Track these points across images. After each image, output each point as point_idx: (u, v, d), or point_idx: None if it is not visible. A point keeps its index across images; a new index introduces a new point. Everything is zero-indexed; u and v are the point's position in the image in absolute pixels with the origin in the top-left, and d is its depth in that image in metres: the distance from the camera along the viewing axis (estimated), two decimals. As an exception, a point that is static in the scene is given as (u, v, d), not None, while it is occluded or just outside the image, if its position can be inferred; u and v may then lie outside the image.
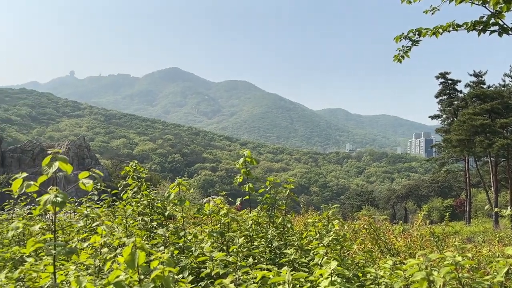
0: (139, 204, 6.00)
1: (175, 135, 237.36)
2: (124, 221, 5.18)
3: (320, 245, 4.19)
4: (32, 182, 2.64)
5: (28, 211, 6.69)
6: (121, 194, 6.74)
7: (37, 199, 2.67)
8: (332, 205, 5.36)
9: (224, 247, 4.75)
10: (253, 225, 5.33)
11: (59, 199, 2.50)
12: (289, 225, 5.44)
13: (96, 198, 7.05)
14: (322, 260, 3.76)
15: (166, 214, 5.67)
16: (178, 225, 5.46)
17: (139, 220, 5.31)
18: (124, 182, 6.67)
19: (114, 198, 6.71)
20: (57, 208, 2.57)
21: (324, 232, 4.54)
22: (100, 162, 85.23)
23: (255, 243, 4.93)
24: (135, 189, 6.53)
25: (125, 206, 5.78)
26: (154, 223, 5.48)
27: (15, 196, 6.83)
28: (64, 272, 3.38)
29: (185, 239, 5.02)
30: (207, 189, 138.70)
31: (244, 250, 3.98)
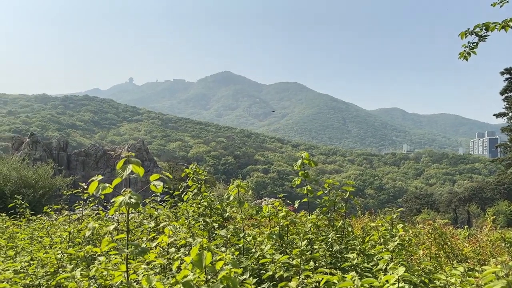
0: (199, 206, 6.16)
1: (227, 138, 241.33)
2: (187, 221, 5.34)
3: (384, 250, 4.07)
4: (107, 185, 2.79)
5: (96, 211, 7.09)
6: (182, 196, 6.96)
7: (111, 200, 2.82)
8: (391, 208, 5.19)
9: (287, 250, 4.75)
10: (311, 228, 5.28)
11: (133, 200, 2.63)
12: (350, 229, 5.33)
13: (158, 199, 7.35)
14: (387, 265, 3.65)
15: (226, 215, 5.77)
16: (237, 226, 5.54)
17: (201, 221, 5.45)
18: (185, 184, 6.89)
19: (176, 199, 6.94)
20: (131, 209, 2.70)
21: (388, 236, 4.39)
22: (158, 165, 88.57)
23: (315, 247, 4.88)
24: (195, 190, 6.72)
25: (187, 207, 5.95)
26: (216, 224, 5.60)
27: (85, 197, 7.28)
28: (133, 271, 3.53)
29: (244, 240, 5.08)
30: (259, 190, 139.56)
31: (308, 253, 3.95)
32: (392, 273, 3.24)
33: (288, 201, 7.24)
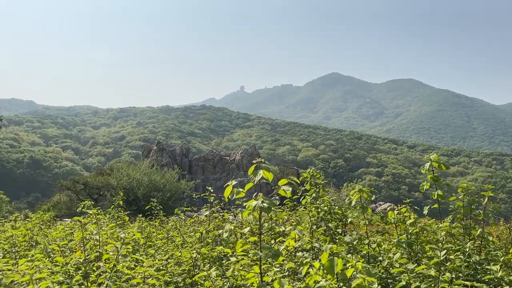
0: (319, 210, 6.11)
1: (336, 140, 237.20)
2: (309, 226, 5.33)
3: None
4: (240, 189, 2.93)
5: (222, 213, 7.50)
6: (300, 200, 6.99)
7: (245, 204, 2.94)
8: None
9: (422, 260, 4.43)
10: (444, 237, 4.85)
11: (265, 204, 2.70)
12: (490, 238, 4.77)
13: (277, 203, 7.50)
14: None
15: (349, 221, 5.62)
16: (360, 232, 5.36)
17: (323, 226, 5.39)
18: (303, 188, 6.91)
19: (295, 203, 6.99)
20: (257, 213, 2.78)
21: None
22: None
23: (451, 257, 4.47)
24: (313, 194, 6.70)
25: (310, 211, 5.95)
26: (339, 230, 5.49)
27: (211, 200, 7.76)
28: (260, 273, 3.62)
29: (369, 247, 4.88)
30: (373, 195, 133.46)
31: (448, 264, 3.63)
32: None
33: (416, 208, 6.78)
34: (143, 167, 41.09)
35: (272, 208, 2.68)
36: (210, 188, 7.24)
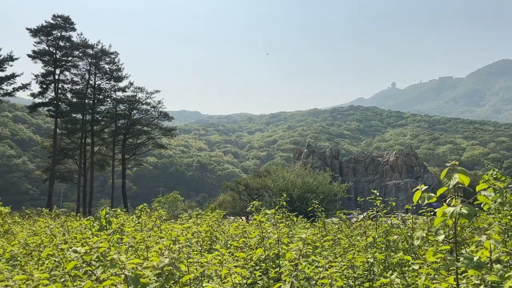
0: (509, 218, 5.36)
1: (510, 137, 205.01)
2: (501, 235, 4.71)
3: None
4: (432, 194, 2.75)
5: (389, 218, 7.19)
6: (482, 206, 6.24)
7: (436, 210, 2.75)
8: None
9: None
10: None
11: (465, 211, 2.48)
12: None
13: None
14: None
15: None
16: None
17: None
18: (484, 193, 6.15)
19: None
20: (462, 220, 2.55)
21: None
22: (428, 170, 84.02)
23: None
24: (499, 199, 5.90)
25: (500, 219, 5.27)
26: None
27: (377, 204, 7.52)
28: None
29: None
30: None
31: None
32: None
33: None
34: (297, 170, 42.57)
35: (473, 215, 2.44)
36: (375, 191, 7.02)
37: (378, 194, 6.83)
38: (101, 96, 56.67)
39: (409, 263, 3.97)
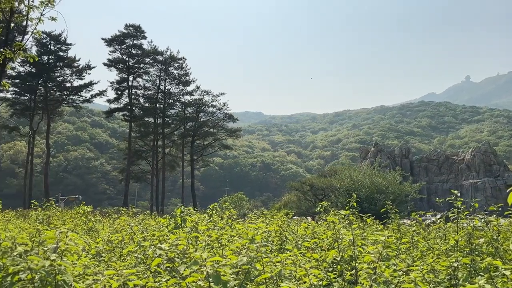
0: None
1: None
2: None
3: None
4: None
5: (472, 220, 6.71)
6: None
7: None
8: None
9: None
10: None
11: None
12: None
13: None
14: None
15: None
16: None
17: None
18: None
19: None
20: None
21: None
22: (509, 168, 77.42)
23: None
24: None
25: None
26: None
27: (458, 205, 7.06)
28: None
29: None
30: None
31: None
32: None
33: None
34: (364, 169, 41.28)
35: None
36: (455, 191, 6.58)
37: (459, 194, 6.41)
38: (170, 100, 59.40)
39: (499, 268, 3.68)
